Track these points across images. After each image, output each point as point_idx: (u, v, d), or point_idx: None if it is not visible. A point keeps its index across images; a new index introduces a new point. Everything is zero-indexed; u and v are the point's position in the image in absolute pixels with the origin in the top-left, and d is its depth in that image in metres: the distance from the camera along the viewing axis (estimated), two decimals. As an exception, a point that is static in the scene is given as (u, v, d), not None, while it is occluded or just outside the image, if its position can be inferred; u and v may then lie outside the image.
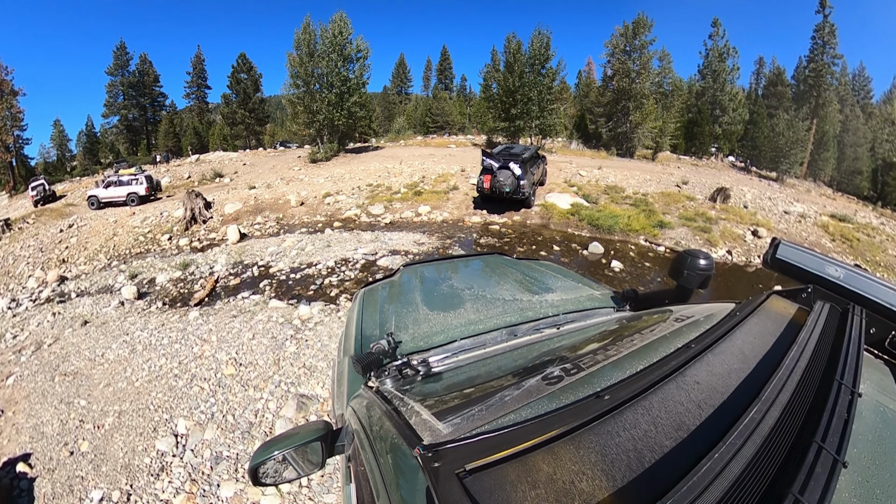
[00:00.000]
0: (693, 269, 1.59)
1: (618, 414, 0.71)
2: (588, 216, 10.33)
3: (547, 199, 12.04)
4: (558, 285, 2.13)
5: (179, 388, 4.20)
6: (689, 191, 15.46)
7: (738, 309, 1.20)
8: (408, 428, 0.85)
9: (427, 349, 1.56)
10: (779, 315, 1.16)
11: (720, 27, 43.17)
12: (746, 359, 0.90)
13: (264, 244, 9.84)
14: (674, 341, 1.05)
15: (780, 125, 32.55)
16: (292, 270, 7.73)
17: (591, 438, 0.66)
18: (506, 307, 1.83)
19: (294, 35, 23.33)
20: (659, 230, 10.04)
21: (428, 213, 11.93)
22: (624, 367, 0.94)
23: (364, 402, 1.22)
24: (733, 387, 0.80)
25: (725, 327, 1.02)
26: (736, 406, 0.71)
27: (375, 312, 2.06)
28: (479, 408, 0.84)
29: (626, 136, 27.10)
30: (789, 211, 13.58)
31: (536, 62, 23.05)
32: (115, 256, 12.04)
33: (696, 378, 0.82)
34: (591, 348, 1.29)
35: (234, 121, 40.50)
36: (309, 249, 8.77)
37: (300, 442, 1.15)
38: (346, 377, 1.65)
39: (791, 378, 0.78)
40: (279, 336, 4.88)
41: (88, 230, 14.71)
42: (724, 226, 11.15)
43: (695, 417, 0.71)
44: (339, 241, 9.22)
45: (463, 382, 1.30)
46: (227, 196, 15.77)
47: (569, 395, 0.84)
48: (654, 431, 0.67)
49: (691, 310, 1.42)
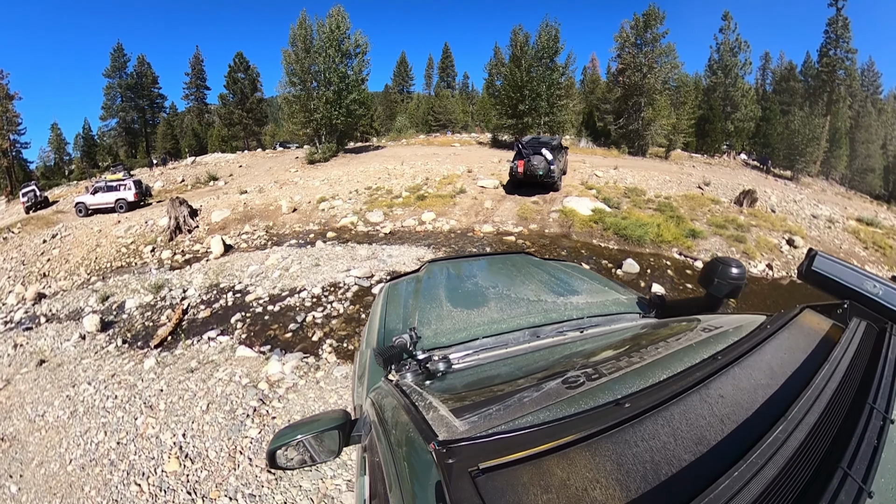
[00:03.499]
0: (724, 278, 1.51)
1: (637, 423, 0.68)
2: (613, 224, 9.18)
3: (566, 205, 10.91)
4: (584, 288, 2.04)
5: (114, 484, 3.20)
6: (712, 193, 14.50)
7: (768, 322, 1.13)
8: (424, 423, 0.84)
9: (449, 346, 1.55)
10: (811, 330, 1.10)
11: (731, 20, 41.80)
12: (775, 375, 0.86)
13: (247, 260, 8.75)
14: (700, 352, 1.00)
15: (796, 122, 31.37)
16: (271, 299, 6.56)
17: (608, 446, 0.64)
18: (529, 307, 1.79)
19: (290, 31, 22.29)
20: (692, 240, 8.93)
21: (433, 221, 10.76)
22: (647, 375, 0.90)
23: (383, 395, 1.25)
24: (759, 403, 0.76)
25: (754, 340, 0.97)
26: (760, 424, 0.68)
27: (399, 307, 2.05)
28: (496, 407, 0.85)
29: (637, 134, 25.86)
30: (817, 215, 12.97)
31: (545, 55, 21.85)
32: (96, 271, 11.37)
33: (721, 391, 0.78)
34: (614, 354, 1.27)
35: (231, 122, 39.51)
36: (294, 270, 7.56)
37: (319, 429, 1.18)
38: (368, 369, 1.66)
39: (820, 398, 0.74)
40: (239, 410, 3.77)
41: (72, 241, 14.04)
42: (758, 234, 10.24)
43: (717, 432, 0.68)
44: (330, 259, 8.01)
45: (482, 381, 1.32)
46: (215, 202, 14.76)
47: (588, 400, 0.81)
48: (673, 444, 0.65)
49: (720, 320, 1.34)
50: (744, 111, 38.65)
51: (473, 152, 22.45)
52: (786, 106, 41.89)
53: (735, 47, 41.33)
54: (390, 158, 20.33)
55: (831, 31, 45.57)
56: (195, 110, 51.33)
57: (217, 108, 44.10)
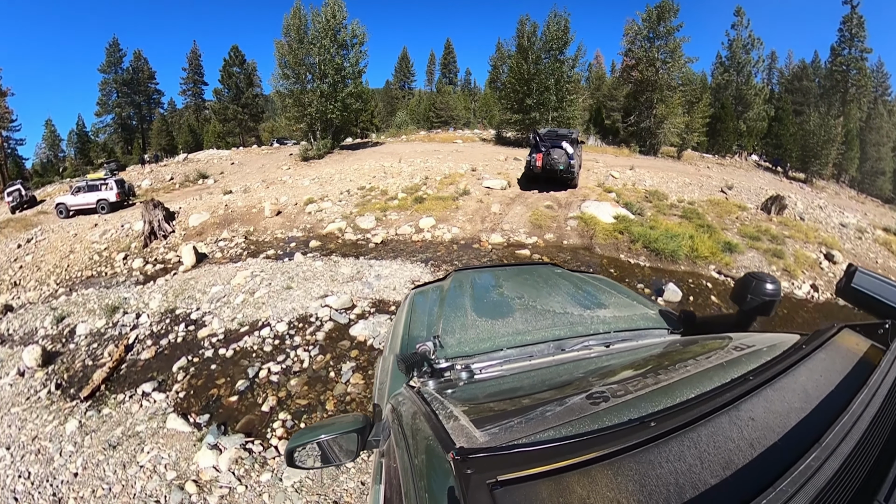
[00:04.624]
0: (758, 294, 1.46)
1: (662, 443, 0.67)
2: (642, 236, 7.93)
3: (584, 210, 9.67)
4: (611, 301, 1.94)
5: None
6: (736, 198, 13.40)
7: (804, 341, 1.07)
8: (444, 431, 0.82)
9: (472, 355, 1.52)
10: (849, 352, 1.04)
11: (744, 16, 40.51)
12: (809, 398, 0.82)
13: (214, 276, 7.54)
14: (730, 371, 0.97)
15: (812, 123, 30.08)
16: (226, 337, 5.30)
17: (632, 466, 0.63)
18: (555, 320, 1.73)
19: (283, 20, 21.03)
20: (728, 256, 7.74)
21: (432, 229, 9.48)
22: (674, 394, 0.87)
23: (404, 401, 1.22)
24: (791, 428, 0.73)
25: (788, 361, 0.93)
26: (792, 450, 0.65)
27: (424, 314, 2.04)
28: (518, 419, 0.84)
29: (649, 132, 24.57)
30: (845, 223, 12.07)
31: (554, 46, 20.48)
32: (66, 280, 10.50)
33: (752, 414, 0.76)
34: (641, 371, 1.26)
35: (225, 117, 38.27)
36: (261, 295, 6.24)
37: (338, 431, 1.18)
38: (390, 374, 1.65)
39: (857, 425, 0.70)
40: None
41: (46, 246, 13.09)
42: (794, 248, 9.21)
43: (745, 457, 0.65)
44: (306, 279, 6.67)
45: (505, 392, 1.31)
46: (196, 204, 13.60)
47: (612, 417, 0.79)
48: (699, 467, 0.63)
49: (752, 338, 1.27)
50: (756, 110, 37.38)
51: (477, 149, 21.19)
52: (798, 106, 40.69)
53: (748, 44, 40.04)
54: (388, 155, 19.08)
55: (845, 29, 44.28)
56: (193, 106, 50.38)
57: (212, 104, 43.02)
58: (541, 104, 21.16)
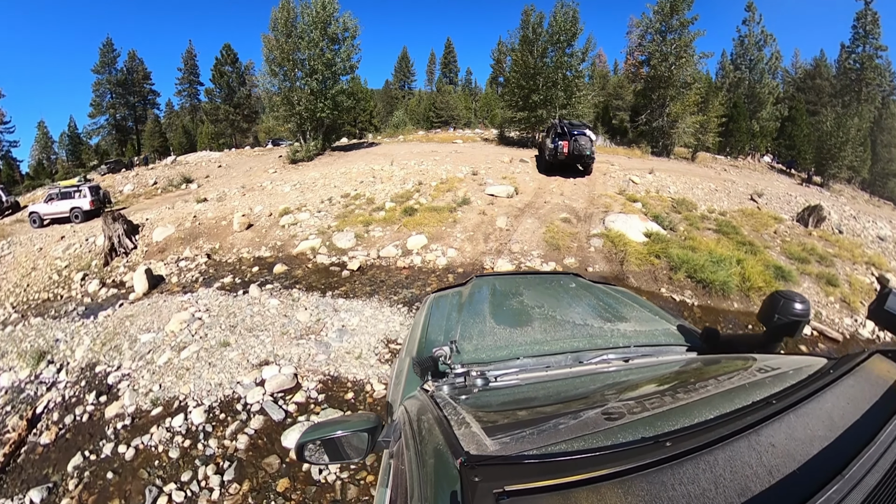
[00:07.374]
0: (786, 314, 1.35)
1: (677, 465, 0.65)
2: (684, 262, 6.44)
3: (610, 226, 8.18)
4: (633, 315, 1.90)
5: None
6: (767, 206, 12.00)
7: (832, 366, 1.02)
8: (454, 437, 0.83)
9: (488, 362, 1.52)
10: (880, 379, 0.96)
11: (755, 12, 38.96)
12: (834, 426, 0.77)
13: (154, 315, 6.09)
14: (753, 394, 0.92)
15: (829, 123, 28.45)
16: (133, 421, 3.96)
17: (643, 486, 0.62)
18: (574, 331, 1.72)
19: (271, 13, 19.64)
20: (782, 285, 6.32)
21: (422, 251, 7.87)
22: (692, 413, 0.84)
23: (417, 404, 1.22)
24: (814, 456, 0.70)
25: (815, 386, 0.88)
26: (813, 480, 0.63)
27: (442, 319, 2.03)
28: (530, 430, 0.84)
29: (662, 132, 23.05)
30: (883, 237, 10.98)
31: (562, 38, 18.94)
32: (22, 303, 9.51)
33: (773, 440, 0.73)
34: (659, 388, 1.22)
35: (217, 118, 36.99)
36: (188, 355, 4.76)
37: (350, 429, 1.17)
38: (405, 377, 1.64)
39: (885, 456, 0.67)
40: None
41: (10, 261, 12.08)
42: (845, 270, 7.91)
43: (763, 484, 0.63)
44: (251, 330, 5.19)
45: (519, 402, 1.30)
46: (165, 214, 12.23)
47: (627, 434, 0.77)
48: (713, 492, 0.61)
49: (778, 360, 1.20)
50: (769, 110, 35.82)
51: (478, 150, 19.68)
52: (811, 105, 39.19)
53: (760, 41, 38.49)
54: (380, 157, 17.59)
55: (859, 26, 42.66)
56: (188, 107, 49.36)
57: (203, 105, 41.87)
58: (548, 101, 19.59)
